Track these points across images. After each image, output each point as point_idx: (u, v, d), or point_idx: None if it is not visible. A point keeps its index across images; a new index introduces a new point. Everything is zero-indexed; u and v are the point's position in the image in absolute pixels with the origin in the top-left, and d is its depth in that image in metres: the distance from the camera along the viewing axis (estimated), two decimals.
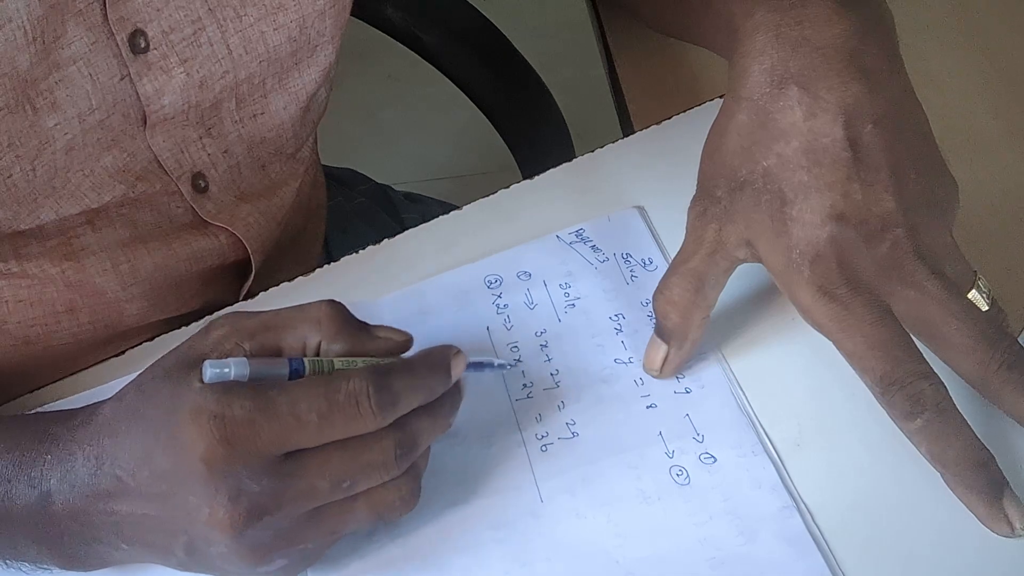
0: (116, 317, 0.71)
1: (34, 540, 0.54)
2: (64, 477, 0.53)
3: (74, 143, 0.62)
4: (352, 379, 0.51)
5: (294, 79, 0.70)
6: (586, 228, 0.68)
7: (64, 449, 0.53)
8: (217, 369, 0.50)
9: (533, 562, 0.56)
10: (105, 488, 0.52)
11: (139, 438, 0.51)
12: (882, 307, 0.55)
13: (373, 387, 0.51)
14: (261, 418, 0.50)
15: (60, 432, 0.54)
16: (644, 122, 0.74)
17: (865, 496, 0.57)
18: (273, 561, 0.52)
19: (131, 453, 0.51)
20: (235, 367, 0.50)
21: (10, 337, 0.69)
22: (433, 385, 0.54)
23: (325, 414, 0.50)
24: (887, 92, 0.57)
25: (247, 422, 0.49)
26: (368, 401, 0.51)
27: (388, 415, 0.52)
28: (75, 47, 0.60)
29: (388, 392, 0.51)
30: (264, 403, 0.50)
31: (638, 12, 0.80)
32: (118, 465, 0.51)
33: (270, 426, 0.50)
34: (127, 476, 0.51)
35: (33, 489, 0.53)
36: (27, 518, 0.53)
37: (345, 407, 0.50)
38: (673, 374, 0.62)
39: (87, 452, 0.52)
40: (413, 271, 0.68)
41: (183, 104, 0.65)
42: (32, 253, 0.66)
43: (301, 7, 0.67)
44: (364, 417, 0.51)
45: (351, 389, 0.51)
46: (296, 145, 0.74)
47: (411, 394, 0.52)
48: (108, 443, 0.52)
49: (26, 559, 0.56)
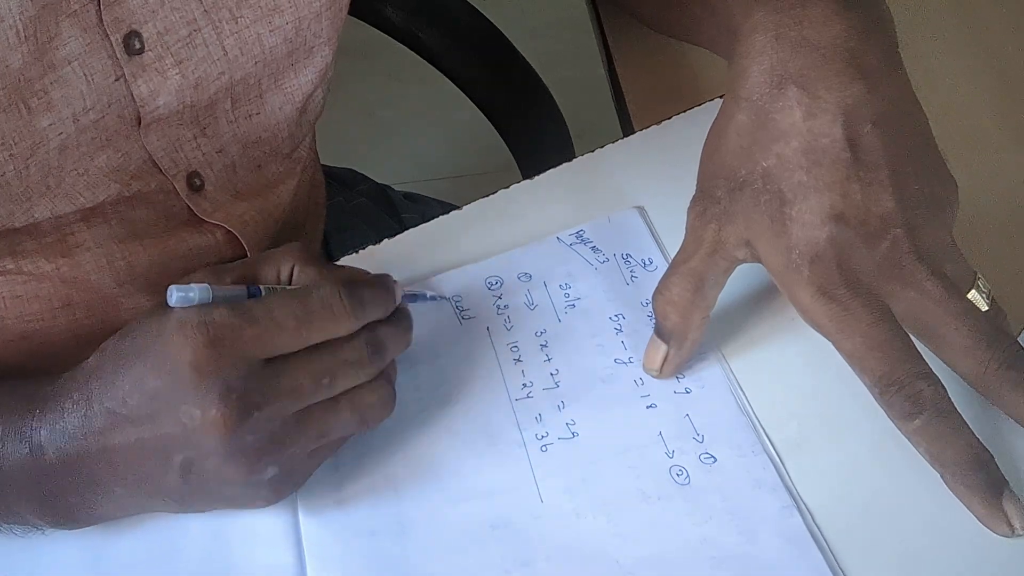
0: (113, 313, 0.71)
1: (27, 497, 0.56)
2: (55, 427, 0.55)
3: (68, 143, 0.62)
4: (323, 287, 0.56)
5: (290, 80, 0.70)
6: (586, 229, 0.69)
7: (52, 402, 0.56)
8: (182, 293, 0.54)
9: (533, 562, 0.56)
10: (97, 426, 0.54)
11: (127, 369, 0.54)
12: (881, 307, 0.55)
13: (344, 292, 0.56)
14: (242, 323, 0.53)
15: (47, 390, 0.57)
16: (644, 122, 0.74)
17: (865, 496, 0.57)
18: (265, 469, 0.55)
19: (120, 385, 0.54)
20: (198, 291, 0.54)
21: (7, 333, 0.69)
22: (388, 301, 0.58)
23: (302, 318, 0.54)
24: (887, 92, 0.57)
25: (229, 326, 0.53)
26: (341, 303, 0.55)
27: (359, 315, 0.56)
28: (70, 48, 0.60)
29: (357, 296, 0.56)
30: (243, 311, 0.54)
31: (638, 12, 0.80)
32: (107, 400, 0.54)
33: (252, 330, 0.53)
34: (118, 406, 0.54)
35: (24, 444, 0.55)
36: (20, 474, 0.55)
37: (320, 311, 0.55)
38: (673, 374, 0.62)
39: (75, 398, 0.55)
40: (413, 271, 0.68)
41: (178, 104, 0.65)
42: (27, 250, 0.66)
43: (297, 9, 0.67)
44: (338, 318, 0.55)
45: (323, 295, 0.55)
46: (292, 145, 0.74)
47: (373, 303, 0.57)
48: (96, 385, 0.55)
49: (19, 520, 0.58)
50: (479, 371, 0.63)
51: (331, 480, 0.60)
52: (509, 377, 0.63)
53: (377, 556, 0.57)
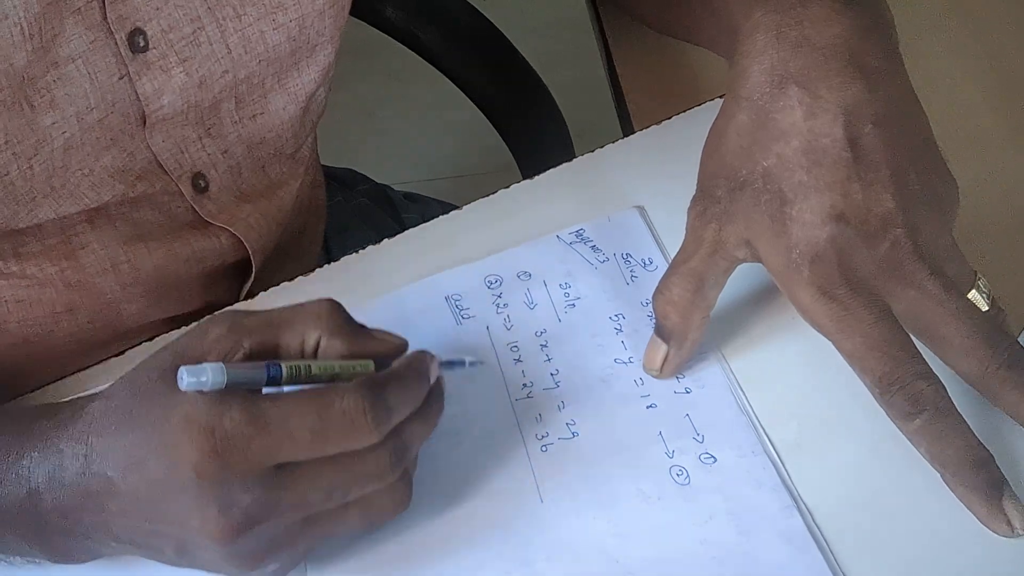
0: (115, 317, 0.71)
1: (23, 536, 0.54)
2: (52, 475, 0.52)
3: (72, 142, 0.62)
4: (346, 395, 0.50)
5: (293, 79, 0.70)
6: (586, 228, 0.68)
7: (51, 446, 0.53)
8: (194, 378, 0.49)
9: (533, 562, 0.56)
10: (94, 488, 0.52)
11: (129, 440, 0.51)
12: (881, 307, 0.55)
13: (369, 403, 0.50)
14: (252, 431, 0.49)
15: (46, 427, 0.54)
16: (644, 122, 0.74)
17: (865, 496, 0.57)
18: (264, 566, 0.53)
19: (121, 455, 0.51)
20: (211, 374, 0.49)
21: (10, 337, 0.68)
22: (420, 393, 0.54)
23: (319, 430, 0.50)
24: (887, 92, 0.57)
25: (239, 436, 0.49)
26: (365, 418, 0.50)
27: (384, 430, 0.51)
28: (74, 45, 0.60)
29: (383, 407, 0.51)
30: (255, 416, 0.49)
31: (638, 12, 0.80)
32: (107, 465, 0.51)
33: (261, 439, 0.49)
34: (117, 478, 0.51)
35: (21, 487, 0.53)
36: (16, 514, 0.53)
37: (340, 424, 0.50)
38: (673, 374, 0.62)
39: (75, 450, 0.52)
40: (413, 271, 0.68)
41: (182, 104, 0.65)
42: (31, 252, 0.66)
43: (301, 7, 0.67)
44: (360, 433, 0.51)
45: (345, 406, 0.50)
46: (296, 145, 0.74)
47: (402, 405, 0.52)
48: (96, 442, 0.52)
49: (16, 552, 0.56)
50: (479, 371, 0.63)
51: None
52: (509, 377, 0.63)
53: (377, 556, 0.57)
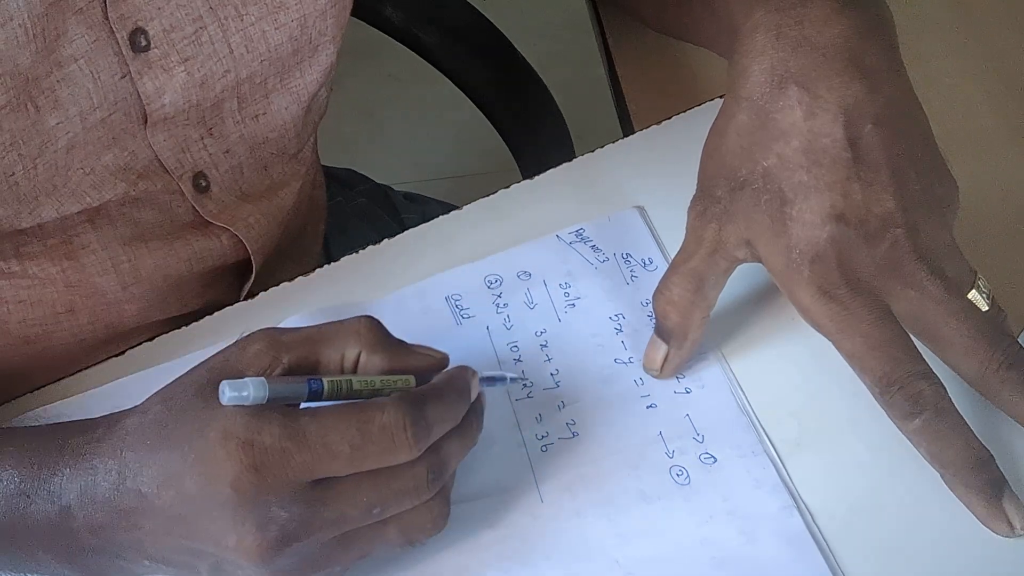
0: (116, 317, 0.71)
1: (54, 555, 0.53)
2: (84, 492, 0.52)
3: (75, 141, 0.62)
4: (387, 410, 0.50)
5: (295, 79, 0.70)
6: (586, 228, 0.68)
7: (84, 462, 0.52)
8: (236, 392, 0.49)
9: (533, 562, 0.56)
10: (128, 504, 0.51)
11: (165, 456, 0.50)
12: (881, 307, 0.55)
13: (409, 419, 0.50)
14: (291, 446, 0.49)
15: (79, 444, 0.53)
16: (644, 122, 0.74)
17: (865, 496, 0.57)
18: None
19: (156, 471, 0.50)
20: (253, 388, 0.49)
21: (10, 337, 0.68)
22: (461, 409, 0.53)
23: (358, 445, 0.49)
24: (887, 92, 0.57)
25: (277, 450, 0.49)
26: (404, 433, 0.50)
27: (423, 446, 0.51)
28: (76, 45, 0.60)
29: (423, 423, 0.51)
30: (295, 431, 0.49)
31: (638, 12, 0.80)
32: (142, 482, 0.50)
33: (300, 455, 0.49)
34: (151, 494, 0.50)
35: (53, 504, 0.52)
36: (47, 532, 0.53)
37: (380, 439, 0.50)
38: (673, 374, 0.62)
39: (108, 466, 0.51)
40: (413, 271, 0.68)
41: (184, 103, 0.65)
42: (32, 252, 0.66)
43: (302, 6, 0.67)
44: (399, 449, 0.50)
45: (385, 422, 0.50)
46: (298, 145, 0.74)
47: (442, 422, 0.52)
48: (131, 457, 0.51)
49: (47, 571, 0.55)
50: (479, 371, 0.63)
51: None
52: None
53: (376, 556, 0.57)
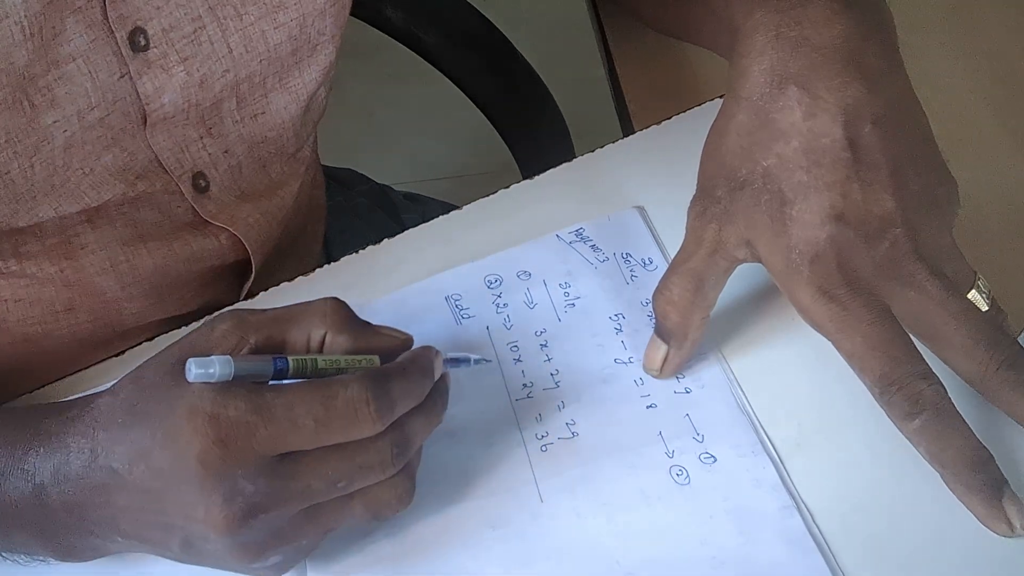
0: (115, 317, 0.71)
1: (30, 533, 0.54)
2: (58, 470, 0.53)
3: (73, 141, 0.62)
4: (350, 385, 0.51)
5: (295, 78, 0.70)
6: (586, 228, 0.68)
7: (57, 442, 0.53)
8: (201, 369, 0.50)
9: (533, 562, 0.56)
10: (100, 480, 0.52)
11: (135, 433, 0.51)
12: (881, 307, 0.55)
13: (372, 394, 0.51)
14: (257, 420, 0.50)
15: (52, 425, 0.54)
16: (644, 122, 0.74)
17: (865, 496, 0.57)
18: (267, 559, 0.53)
19: (127, 447, 0.51)
20: (219, 366, 0.50)
21: (9, 336, 0.69)
22: (424, 387, 0.54)
23: (323, 419, 0.50)
24: (887, 92, 0.57)
25: (243, 424, 0.49)
26: (367, 407, 0.51)
27: (387, 420, 0.52)
28: (74, 44, 0.60)
29: (387, 398, 0.51)
30: (260, 405, 0.50)
31: (638, 12, 0.80)
32: (113, 458, 0.51)
33: (266, 428, 0.50)
34: (123, 470, 0.51)
35: (27, 482, 0.53)
36: (22, 511, 0.54)
37: (344, 413, 0.51)
38: (673, 374, 0.62)
39: (80, 445, 0.52)
40: (413, 271, 0.68)
41: (183, 103, 0.65)
42: (31, 252, 0.66)
43: (302, 6, 0.67)
44: (363, 423, 0.51)
45: (349, 396, 0.51)
46: (297, 145, 0.74)
47: (406, 397, 0.53)
48: (103, 436, 0.52)
49: (22, 551, 0.56)
50: (479, 371, 0.63)
51: None
52: (509, 377, 0.63)
53: (377, 556, 0.57)
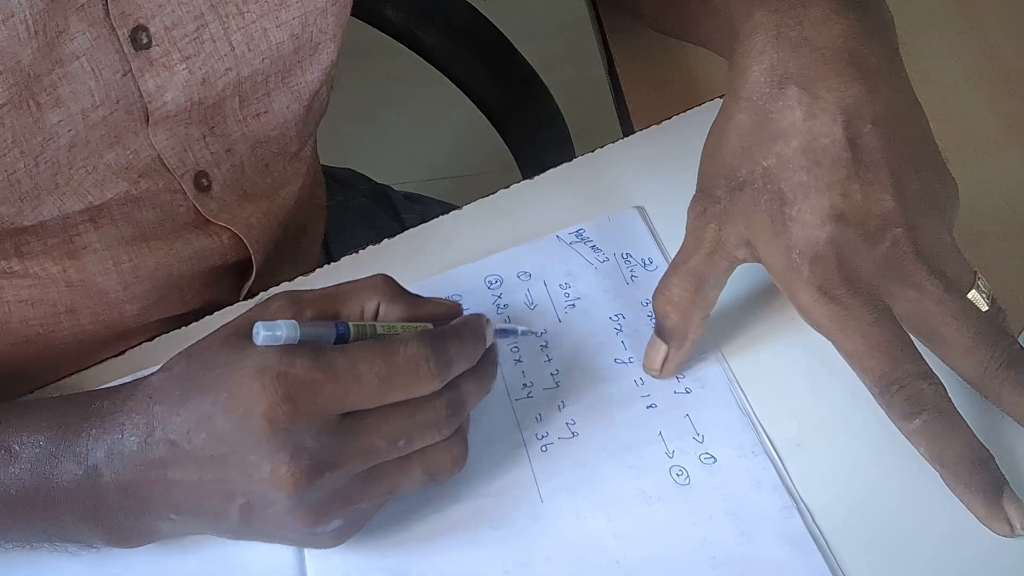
0: (117, 317, 0.71)
1: (81, 516, 0.54)
2: (112, 449, 0.53)
3: (77, 139, 0.62)
4: (410, 343, 0.52)
5: (297, 77, 0.70)
6: (586, 228, 0.69)
7: (110, 421, 0.53)
8: (269, 332, 0.51)
9: (533, 562, 0.56)
10: (158, 456, 0.52)
11: (195, 401, 0.52)
12: (881, 307, 0.55)
13: (431, 351, 0.52)
14: (323, 377, 0.51)
15: (104, 406, 0.54)
16: (644, 122, 0.74)
17: (865, 496, 0.57)
18: (329, 522, 0.53)
19: (186, 417, 0.52)
20: (286, 329, 0.51)
21: (11, 336, 0.69)
22: (478, 350, 0.55)
23: (385, 376, 0.51)
24: (887, 92, 0.57)
25: (309, 381, 0.50)
26: (427, 364, 0.52)
27: (445, 377, 0.53)
28: (77, 42, 0.60)
29: (445, 356, 0.53)
30: (325, 364, 0.51)
31: (638, 12, 0.80)
32: (171, 431, 0.52)
33: (331, 386, 0.51)
34: (183, 440, 0.52)
35: (79, 465, 0.53)
36: (74, 494, 0.54)
37: (405, 370, 0.52)
38: (673, 374, 0.62)
39: (136, 421, 0.53)
40: (413, 271, 0.68)
41: (186, 101, 0.66)
42: (33, 252, 0.66)
43: (303, 4, 0.67)
44: (423, 379, 0.52)
45: (410, 353, 0.52)
46: (299, 144, 0.75)
47: (461, 359, 0.54)
48: (159, 410, 0.52)
49: (72, 538, 0.56)
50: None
51: None
52: (509, 377, 0.63)
53: (377, 556, 0.57)
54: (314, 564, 0.57)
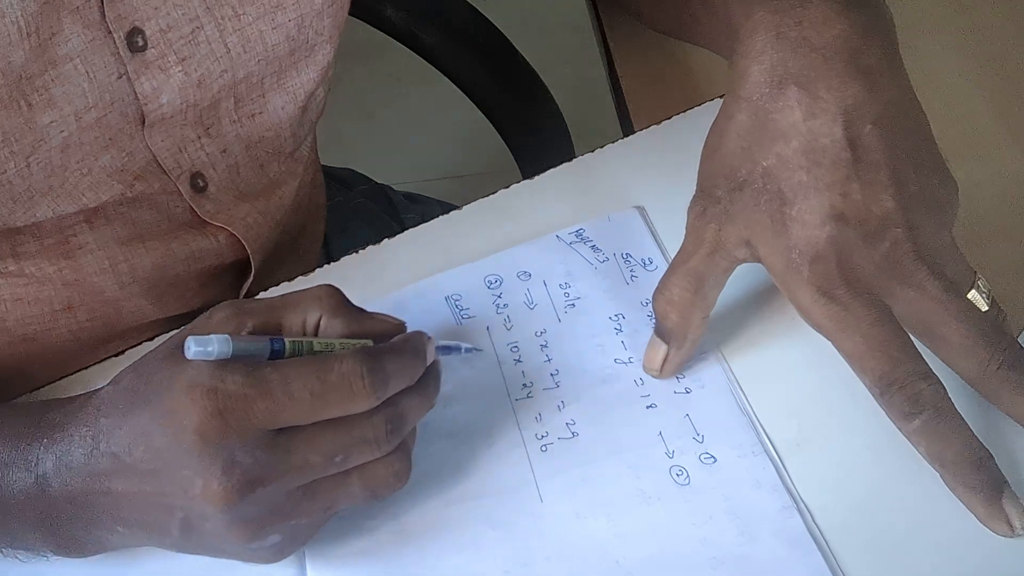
0: (114, 316, 0.71)
1: (31, 526, 0.55)
2: (60, 459, 0.53)
3: (70, 141, 0.62)
4: (345, 360, 0.52)
5: (292, 79, 0.70)
6: (586, 228, 0.69)
7: (60, 432, 0.54)
8: (200, 347, 0.51)
9: (533, 562, 0.56)
10: (101, 468, 0.52)
11: (135, 416, 0.52)
12: (881, 307, 0.55)
13: (366, 368, 0.52)
14: (254, 393, 0.50)
15: (56, 417, 0.55)
16: (644, 122, 0.74)
17: (865, 496, 0.57)
18: (266, 537, 0.53)
19: (127, 431, 0.52)
20: (217, 344, 0.51)
21: (8, 335, 0.69)
22: (417, 367, 0.55)
23: (318, 393, 0.51)
24: (887, 92, 0.57)
25: (240, 396, 0.50)
26: (362, 381, 0.52)
27: (381, 395, 0.53)
28: (72, 44, 0.60)
29: (381, 373, 0.52)
30: (258, 379, 0.51)
31: (638, 12, 0.80)
32: (114, 443, 0.52)
33: (263, 401, 0.50)
34: (123, 454, 0.52)
35: (29, 473, 0.54)
36: (24, 503, 0.54)
37: (339, 386, 0.51)
38: (673, 374, 0.62)
39: (83, 433, 0.53)
40: (413, 271, 0.68)
41: (181, 103, 0.65)
42: (29, 252, 0.66)
43: (300, 6, 0.67)
44: (357, 396, 0.52)
45: (344, 370, 0.52)
46: (295, 144, 0.74)
47: (399, 376, 0.54)
48: (104, 423, 0.53)
49: (23, 546, 0.56)
50: (479, 371, 0.63)
51: None
52: (509, 377, 0.63)
53: (377, 556, 0.57)
54: (314, 564, 0.57)
